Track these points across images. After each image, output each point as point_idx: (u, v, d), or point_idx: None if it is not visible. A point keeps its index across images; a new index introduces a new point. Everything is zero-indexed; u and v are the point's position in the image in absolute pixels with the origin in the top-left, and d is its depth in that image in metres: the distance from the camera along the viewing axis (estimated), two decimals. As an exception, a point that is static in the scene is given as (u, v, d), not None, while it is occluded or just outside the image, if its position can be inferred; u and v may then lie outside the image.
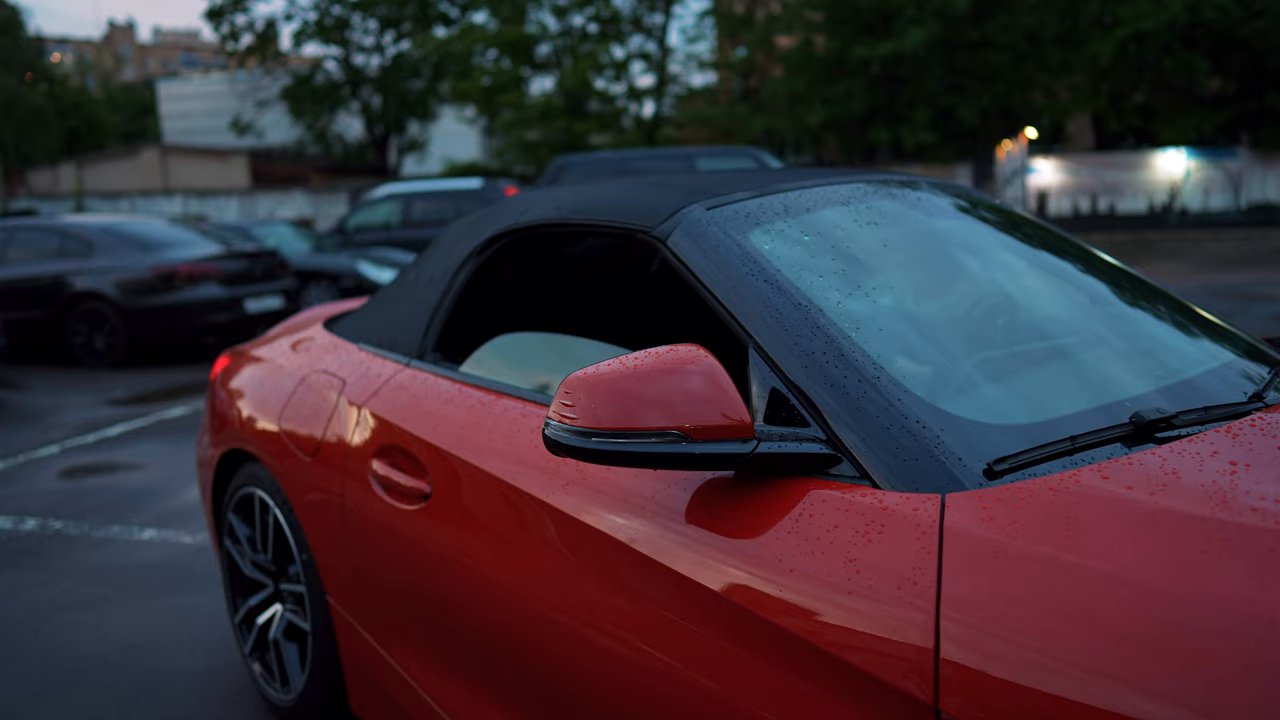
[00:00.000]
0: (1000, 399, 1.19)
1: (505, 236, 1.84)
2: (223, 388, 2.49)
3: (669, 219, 1.46)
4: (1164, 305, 1.55)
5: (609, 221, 1.59)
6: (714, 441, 1.07)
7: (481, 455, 1.50)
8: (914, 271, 1.48)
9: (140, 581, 3.19)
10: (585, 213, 1.67)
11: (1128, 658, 0.79)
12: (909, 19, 21.75)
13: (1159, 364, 1.34)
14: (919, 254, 1.54)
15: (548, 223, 1.74)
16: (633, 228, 1.52)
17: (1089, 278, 1.58)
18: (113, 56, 68.58)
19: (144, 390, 6.84)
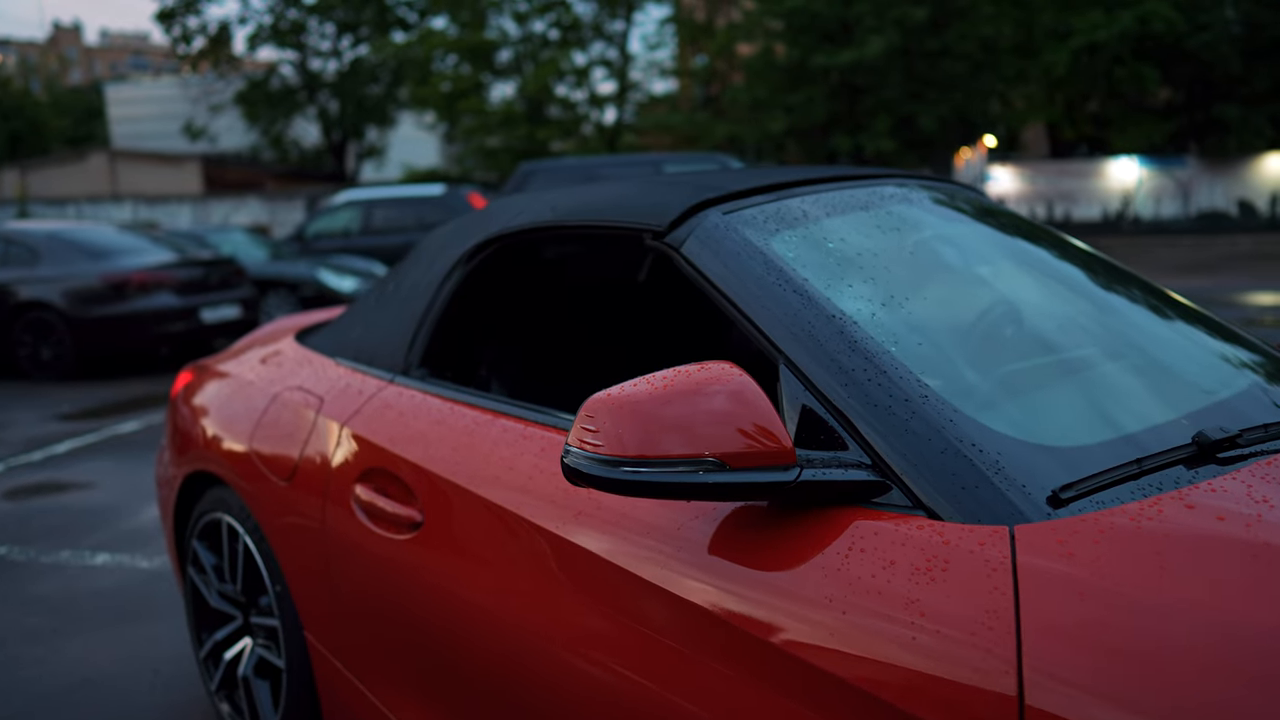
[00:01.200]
0: (1051, 418, 1.11)
1: (495, 242, 1.73)
2: (185, 405, 2.34)
3: (681, 224, 1.36)
4: (1192, 318, 1.49)
5: (611, 223, 1.49)
6: (753, 469, 0.97)
7: (479, 481, 1.39)
8: (943, 281, 1.40)
9: (93, 611, 2.99)
10: (584, 214, 1.57)
11: (1241, 709, 0.71)
12: (869, 28, 22.00)
13: (1200, 378, 1.27)
14: (945, 262, 1.46)
15: (543, 226, 1.63)
16: (638, 228, 1.42)
17: (1113, 288, 1.52)
18: (58, 59, 66.71)
19: (94, 404, 6.56)
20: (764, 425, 0.98)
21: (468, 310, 1.94)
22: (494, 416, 1.48)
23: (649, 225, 1.39)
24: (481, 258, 1.75)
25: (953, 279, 1.43)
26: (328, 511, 1.67)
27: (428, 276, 1.83)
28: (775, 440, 0.98)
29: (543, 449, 1.35)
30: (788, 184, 1.48)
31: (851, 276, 1.27)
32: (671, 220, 1.36)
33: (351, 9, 27.65)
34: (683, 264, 1.32)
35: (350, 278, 9.87)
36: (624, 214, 1.47)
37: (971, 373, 1.18)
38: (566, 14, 25.58)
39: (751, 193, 1.43)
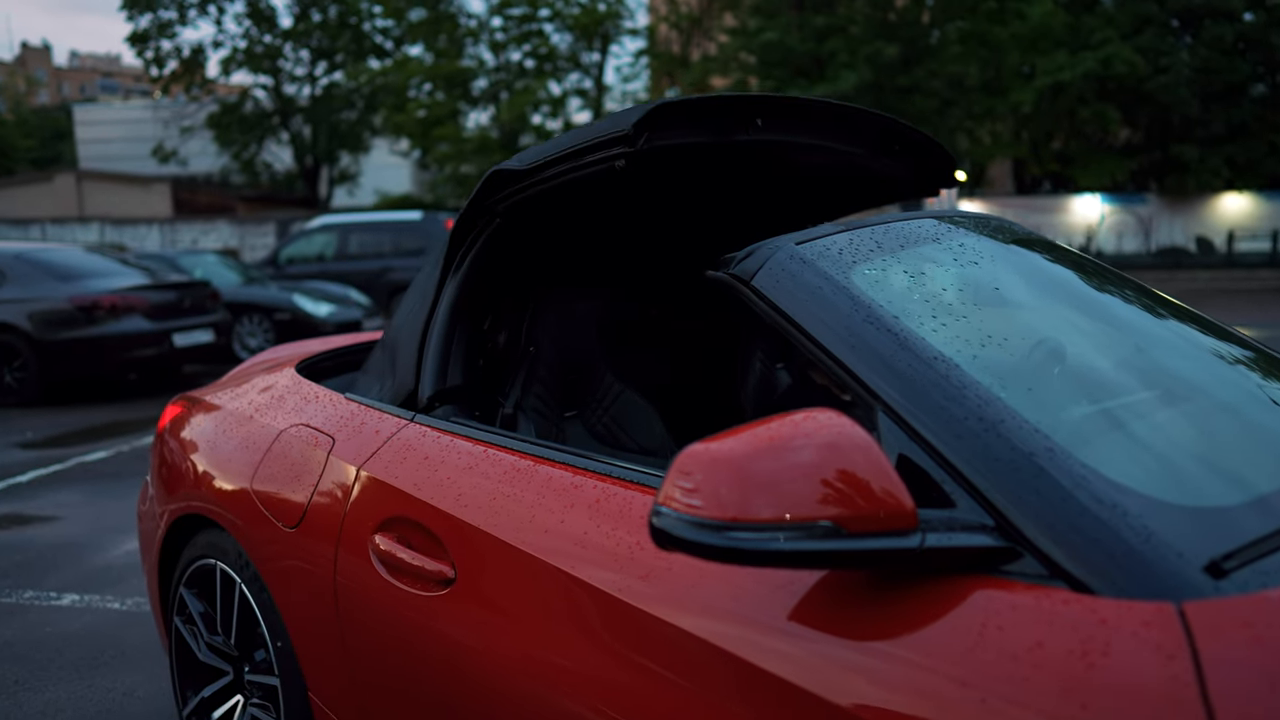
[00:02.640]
0: (1183, 474, 1.01)
1: (474, 232, 1.65)
2: (175, 439, 2.17)
3: (748, 255, 1.25)
4: (1266, 357, 1.40)
5: (575, 146, 1.47)
6: (873, 535, 0.86)
7: (524, 535, 1.26)
8: (1036, 319, 1.31)
9: (61, 658, 2.78)
10: (548, 151, 1.53)
11: None
12: (841, 63, 22.36)
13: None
14: (1034, 299, 1.37)
15: (513, 188, 1.59)
16: (604, 140, 1.42)
17: (1202, 332, 1.43)
18: (25, 79, 65.71)
19: (60, 431, 6.28)
20: (882, 484, 0.87)
21: (477, 335, 1.83)
22: (535, 463, 1.35)
23: (613, 133, 1.40)
24: (469, 262, 1.65)
25: (1045, 317, 1.34)
26: (341, 562, 1.53)
27: (424, 301, 1.73)
28: (896, 501, 0.87)
29: (597, 500, 1.22)
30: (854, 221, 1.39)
31: (941, 314, 1.17)
32: (740, 255, 1.26)
33: (327, 35, 27.55)
34: (752, 298, 1.22)
35: (326, 304, 9.67)
36: (585, 136, 1.46)
37: (1089, 422, 1.08)
38: (543, 44, 25.70)
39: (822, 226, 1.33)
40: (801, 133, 1.75)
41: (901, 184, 2.18)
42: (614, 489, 1.22)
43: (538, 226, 1.93)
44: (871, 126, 1.89)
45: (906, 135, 1.97)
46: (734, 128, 1.60)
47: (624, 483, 1.23)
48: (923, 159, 2.07)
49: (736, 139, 1.61)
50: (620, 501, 1.20)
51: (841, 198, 2.34)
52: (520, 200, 1.65)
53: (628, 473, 1.23)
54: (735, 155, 1.79)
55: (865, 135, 1.91)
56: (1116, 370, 1.24)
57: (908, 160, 2.06)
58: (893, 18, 23.70)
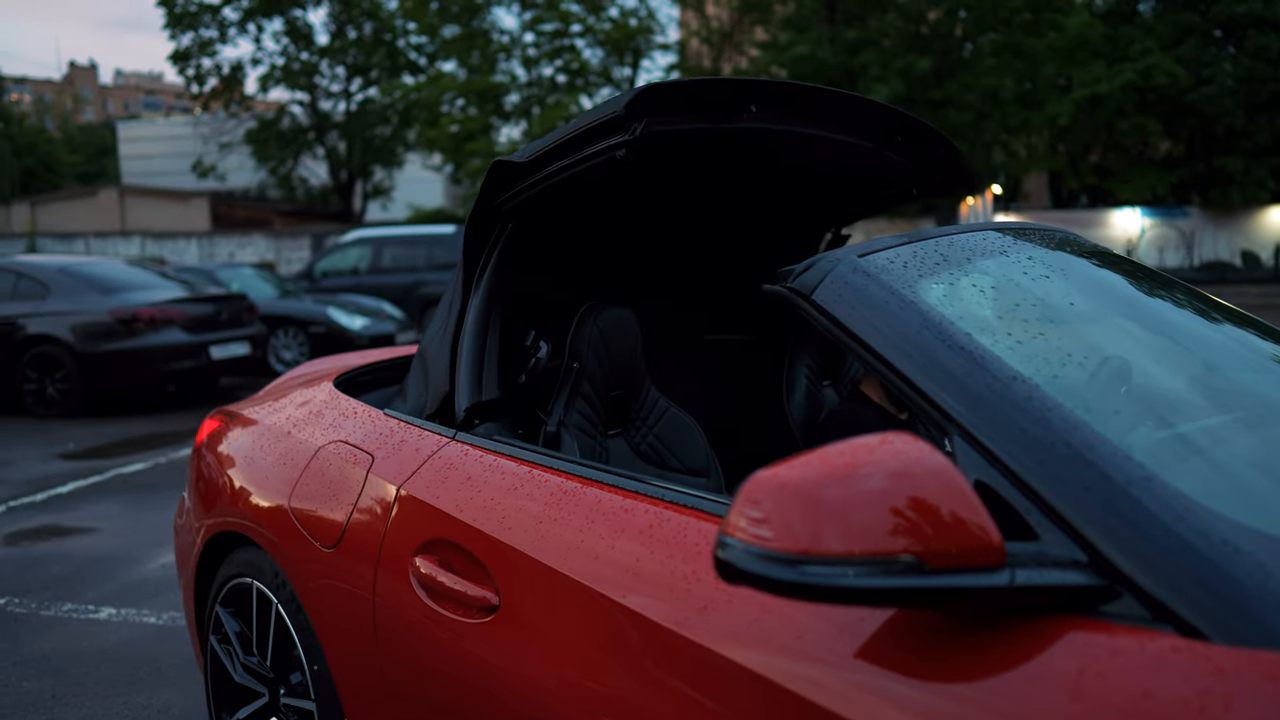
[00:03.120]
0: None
1: (489, 241, 1.66)
2: (211, 454, 2.15)
3: (808, 269, 1.19)
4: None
5: (574, 131, 1.46)
6: (957, 571, 0.80)
7: (572, 561, 1.20)
8: (1115, 335, 1.23)
9: (97, 673, 2.77)
10: (549, 141, 1.52)
11: None
12: (874, 77, 22.23)
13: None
14: (1108, 314, 1.30)
15: (520, 187, 1.59)
16: (599, 122, 1.43)
17: (1268, 338, 1.35)
18: (73, 97, 67.57)
19: (99, 443, 6.36)
20: (967, 515, 0.81)
21: (514, 349, 1.80)
22: (582, 484, 1.30)
23: (607, 116, 1.41)
24: (490, 271, 1.64)
25: (1123, 335, 1.26)
26: (381, 585, 1.48)
27: (449, 314, 1.72)
28: (982, 535, 0.80)
29: (649, 526, 1.16)
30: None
31: (1016, 331, 1.10)
32: (800, 269, 1.20)
33: (362, 52, 27.97)
34: (813, 314, 1.16)
35: (361, 317, 9.73)
36: (581, 122, 1.45)
37: (1182, 448, 1.00)
38: (575, 59, 25.87)
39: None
40: (800, 121, 1.72)
41: (909, 177, 2.15)
42: (667, 514, 1.17)
43: (554, 230, 1.90)
44: (873, 116, 1.87)
45: (909, 126, 1.95)
46: (728, 113, 1.59)
47: (677, 507, 1.17)
48: (928, 150, 2.05)
49: (732, 125, 1.60)
50: (674, 527, 1.14)
51: (852, 191, 2.30)
52: (527, 200, 1.63)
53: (681, 496, 1.18)
54: (740, 147, 1.77)
55: (867, 126, 1.89)
56: (1204, 392, 1.16)
57: (913, 152, 2.04)
58: (925, 30, 23.55)
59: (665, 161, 1.76)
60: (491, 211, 1.69)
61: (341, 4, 27.25)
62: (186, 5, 26.79)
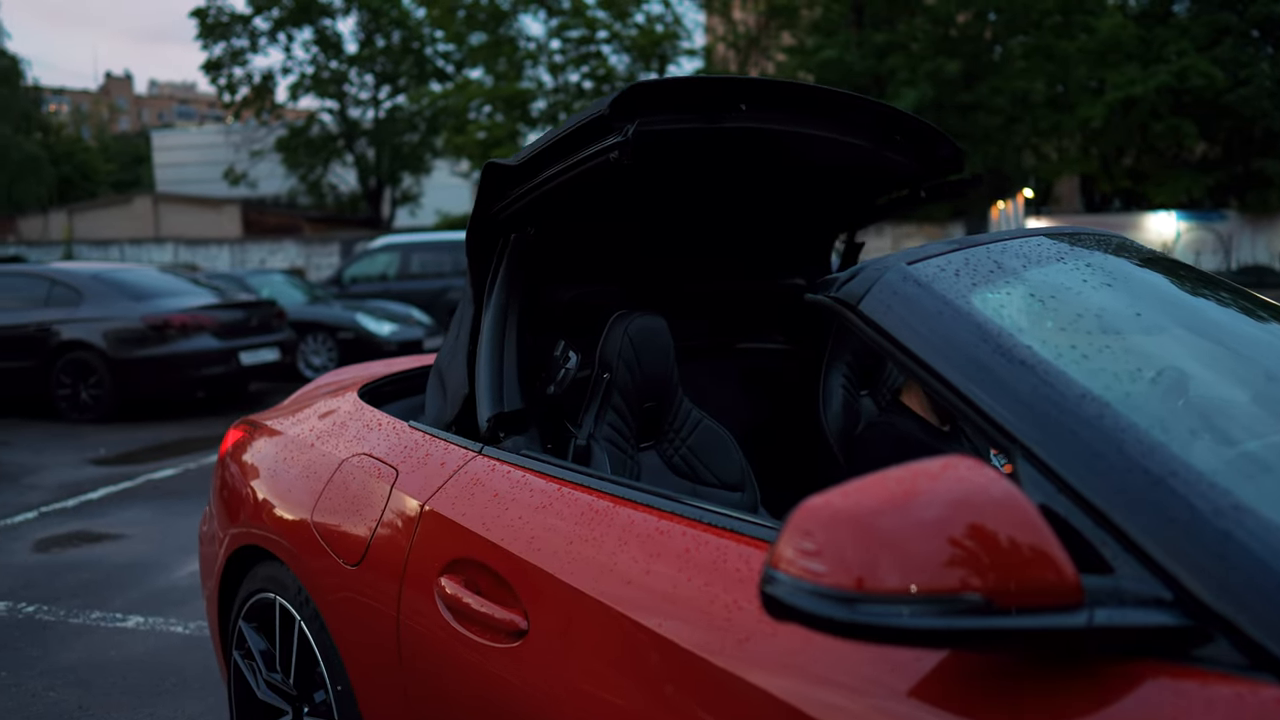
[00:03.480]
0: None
1: (494, 252, 1.65)
2: (235, 465, 2.12)
3: (853, 277, 1.13)
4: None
5: (563, 133, 1.44)
6: (1030, 611, 0.73)
7: (605, 585, 1.14)
8: (1189, 349, 1.15)
9: (123, 683, 2.76)
10: (540, 144, 1.50)
11: None
12: (902, 81, 22.02)
13: None
14: (1178, 325, 1.22)
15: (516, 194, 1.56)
16: (587, 121, 1.41)
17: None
18: (109, 107, 68.91)
19: (131, 448, 6.41)
20: (1040, 549, 0.74)
21: (537, 360, 1.75)
22: (614, 503, 1.24)
23: (593, 115, 1.40)
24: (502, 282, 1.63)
25: (1197, 349, 1.18)
26: (405, 605, 1.43)
27: (462, 326, 1.71)
28: (1057, 571, 0.73)
29: (687, 549, 1.10)
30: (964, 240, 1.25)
31: (1081, 344, 1.03)
32: (844, 277, 1.13)
33: (391, 60, 28.23)
34: (860, 325, 1.09)
35: (389, 323, 9.76)
36: (572, 123, 1.44)
37: (1272, 474, 0.92)
38: (601, 65, 25.92)
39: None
40: (794, 121, 1.70)
41: (913, 177, 2.12)
42: (705, 536, 1.10)
43: (561, 237, 1.86)
44: (870, 116, 1.84)
45: (906, 124, 1.92)
46: (718, 112, 1.57)
47: (715, 529, 1.11)
48: (930, 150, 2.02)
49: (723, 124, 1.58)
50: (712, 552, 1.08)
51: (856, 191, 2.26)
52: (525, 207, 1.59)
53: (719, 518, 1.11)
54: (737, 146, 1.74)
55: (865, 125, 1.86)
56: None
57: (914, 152, 2.01)
58: (954, 34, 23.31)
59: (665, 163, 1.73)
60: (490, 219, 1.66)
61: (370, 13, 27.53)
62: (219, 16, 27.21)
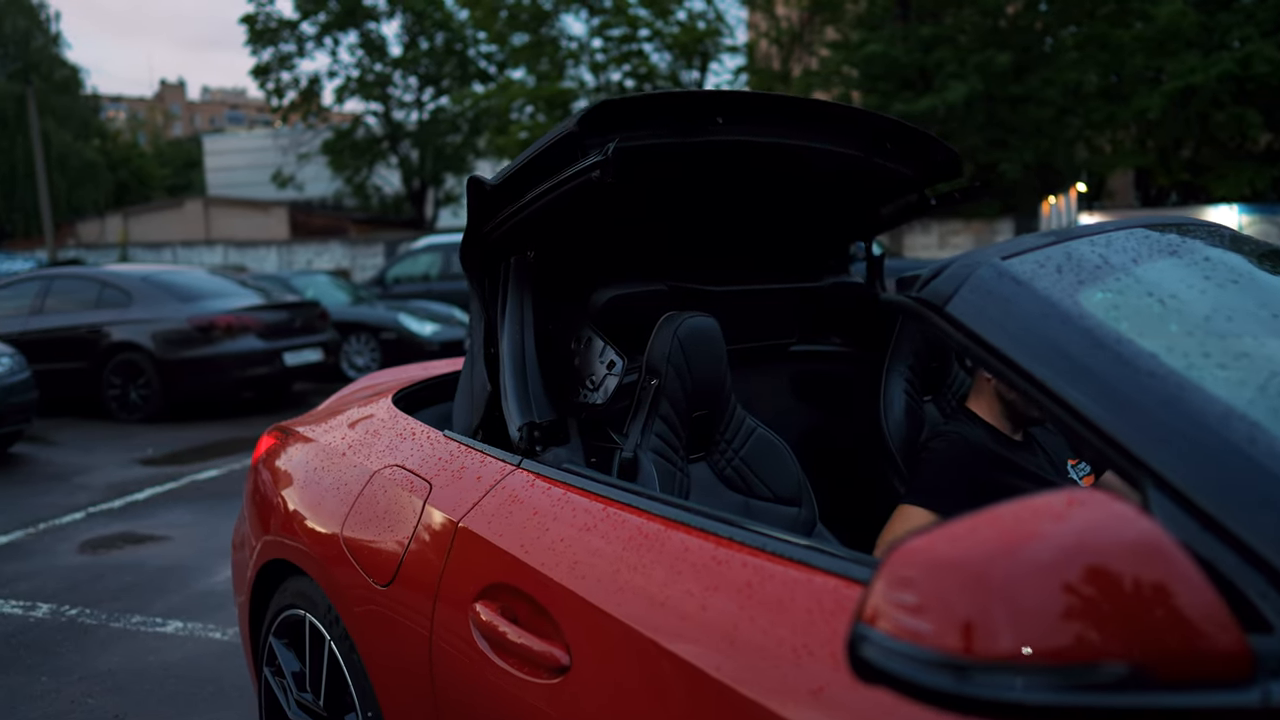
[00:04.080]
0: None
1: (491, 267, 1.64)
2: (267, 473, 2.04)
3: (938, 275, 0.99)
4: None
5: (535, 153, 1.44)
6: (1187, 686, 0.59)
7: (656, 620, 1.02)
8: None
9: (160, 691, 2.71)
10: (515, 164, 1.49)
11: None
12: (950, 74, 21.54)
13: None
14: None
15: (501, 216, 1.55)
16: (558, 139, 1.40)
17: None
18: (163, 113, 70.72)
19: (177, 448, 6.46)
20: (1198, 607, 0.60)
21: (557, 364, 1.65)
22: (666, 526, 1.11)
23: (563, 133, 1.40)
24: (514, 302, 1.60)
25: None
26: (438, 631, 1.33)
27: (476, 343, 1.66)
28: (1220, 634, 0.59)
29: (749, 583, 0.98)
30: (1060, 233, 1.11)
31: (1216, 351, 0.88)
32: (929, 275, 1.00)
33: (434, 62, 28.45)
34: (948, 329, 0.95)
35: (431, 323, 9.76)
36: (544, 141, 1.43)
37: None
38: (643, 64, 25.82)
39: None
40: (775, 132, 1.70)
41: (910, 181, 2.09)
42: (770, 568, 0.98)
43: (566, 253, 1.81)
44: (854, 123, 1.84)
45: (895, 130, 1.89)
46: (695, 126, 1.56)
47: (782, 560, 0.98)
48: (921, 153, 1.99)
49: (702, 138, 1.58)
50: (780, 587, 0.95)
51: (857, 199, 2.20)
52: (516, 227, 1.56)
53: (786, 548, 0.99)
54: (723, 158, 1.72)
55: (850, 133, 1.84)
56: None
57: (905, 156, 1.98)
58: (1004, 25, 22.72)
59: (656, 176, 1.70)
60: (483, 239, 1.63)
61: (414, 16, 27.78)
62: (267, 21, 27.67)
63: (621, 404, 1.75)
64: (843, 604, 0.91)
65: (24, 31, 31.84)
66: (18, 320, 7.87)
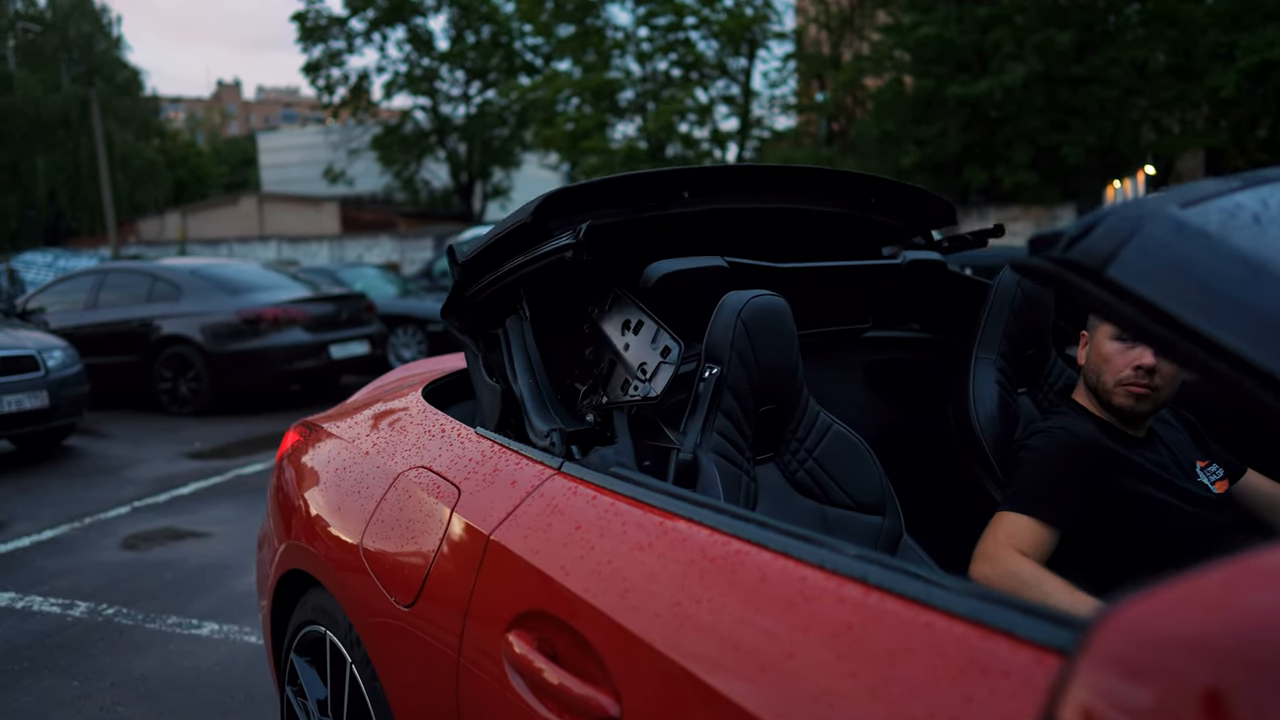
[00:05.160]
0: None
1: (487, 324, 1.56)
2: (290, 472, 1.88)
3: (1091, 229, 0.76)
4: None
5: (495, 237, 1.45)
6: None
7: (730, 667, 0.81)
8: None
9: (193, 699, 2.59)
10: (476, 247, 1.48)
11: None
12: (1007, 55, 20.81)
13: None
14: None
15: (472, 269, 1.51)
16: (517, 225, 1.44)
17: None
18: (220, 113, 72.34)
19: (224, 442, 6.44)
20: None
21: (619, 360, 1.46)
22: (743, 547, 0.90)
23: (518, 223, 1.41)
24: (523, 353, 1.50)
25: None
26: (465, 663, 1.14)
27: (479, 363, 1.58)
28: None
29: (849, 625, 0.76)
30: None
31: None
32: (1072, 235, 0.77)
33: (481, 55, 28.49)
34: (1106, 298, 0.72)
35: (477, 315, 9.65)
36: (500, 230, 1.44)
37: None
38: (689, 52, 25.49)
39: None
40: (748, 199, 1.70)
41: (901, 230, 2.06)
42: (874, 605, 0.76)
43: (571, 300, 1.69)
44: (830, 183, 1.81)
45: (880, 187, 1.87)
46: (661, 201, 1.58)
47: (892, 595, 0.76)
48: (913, 206, 1.97)
49: (674, 211, 1.59)
50: (887, 633, 0.74)
51: (860, 242, 2.12)
52: (504, 290, 1.53)
53: (900, 580, 0.77)
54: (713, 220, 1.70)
55: (831, 192, 1.83)
56: None
57: (896, 210, 1.96)
58: (1064, 2, 21.86)
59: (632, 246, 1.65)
60: (468, 301, 1.60)
61: (460, 9, 27.83)
62: (317, 19, 27.98)
63: (678, 397, 1.54)
64: (975, 661, 0.69)
65: (88, 36, 32.71)
66: (73, 314, 7.96)
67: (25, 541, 4.18)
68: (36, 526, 4.42)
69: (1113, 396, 1.61)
